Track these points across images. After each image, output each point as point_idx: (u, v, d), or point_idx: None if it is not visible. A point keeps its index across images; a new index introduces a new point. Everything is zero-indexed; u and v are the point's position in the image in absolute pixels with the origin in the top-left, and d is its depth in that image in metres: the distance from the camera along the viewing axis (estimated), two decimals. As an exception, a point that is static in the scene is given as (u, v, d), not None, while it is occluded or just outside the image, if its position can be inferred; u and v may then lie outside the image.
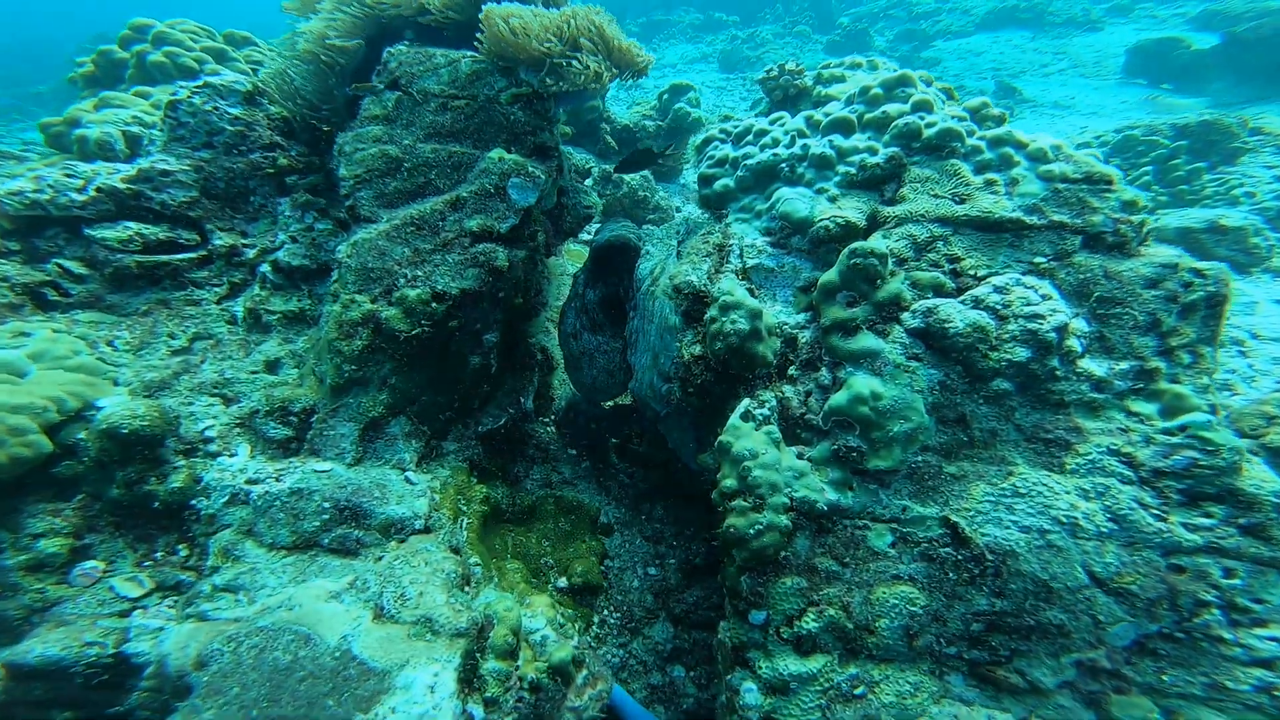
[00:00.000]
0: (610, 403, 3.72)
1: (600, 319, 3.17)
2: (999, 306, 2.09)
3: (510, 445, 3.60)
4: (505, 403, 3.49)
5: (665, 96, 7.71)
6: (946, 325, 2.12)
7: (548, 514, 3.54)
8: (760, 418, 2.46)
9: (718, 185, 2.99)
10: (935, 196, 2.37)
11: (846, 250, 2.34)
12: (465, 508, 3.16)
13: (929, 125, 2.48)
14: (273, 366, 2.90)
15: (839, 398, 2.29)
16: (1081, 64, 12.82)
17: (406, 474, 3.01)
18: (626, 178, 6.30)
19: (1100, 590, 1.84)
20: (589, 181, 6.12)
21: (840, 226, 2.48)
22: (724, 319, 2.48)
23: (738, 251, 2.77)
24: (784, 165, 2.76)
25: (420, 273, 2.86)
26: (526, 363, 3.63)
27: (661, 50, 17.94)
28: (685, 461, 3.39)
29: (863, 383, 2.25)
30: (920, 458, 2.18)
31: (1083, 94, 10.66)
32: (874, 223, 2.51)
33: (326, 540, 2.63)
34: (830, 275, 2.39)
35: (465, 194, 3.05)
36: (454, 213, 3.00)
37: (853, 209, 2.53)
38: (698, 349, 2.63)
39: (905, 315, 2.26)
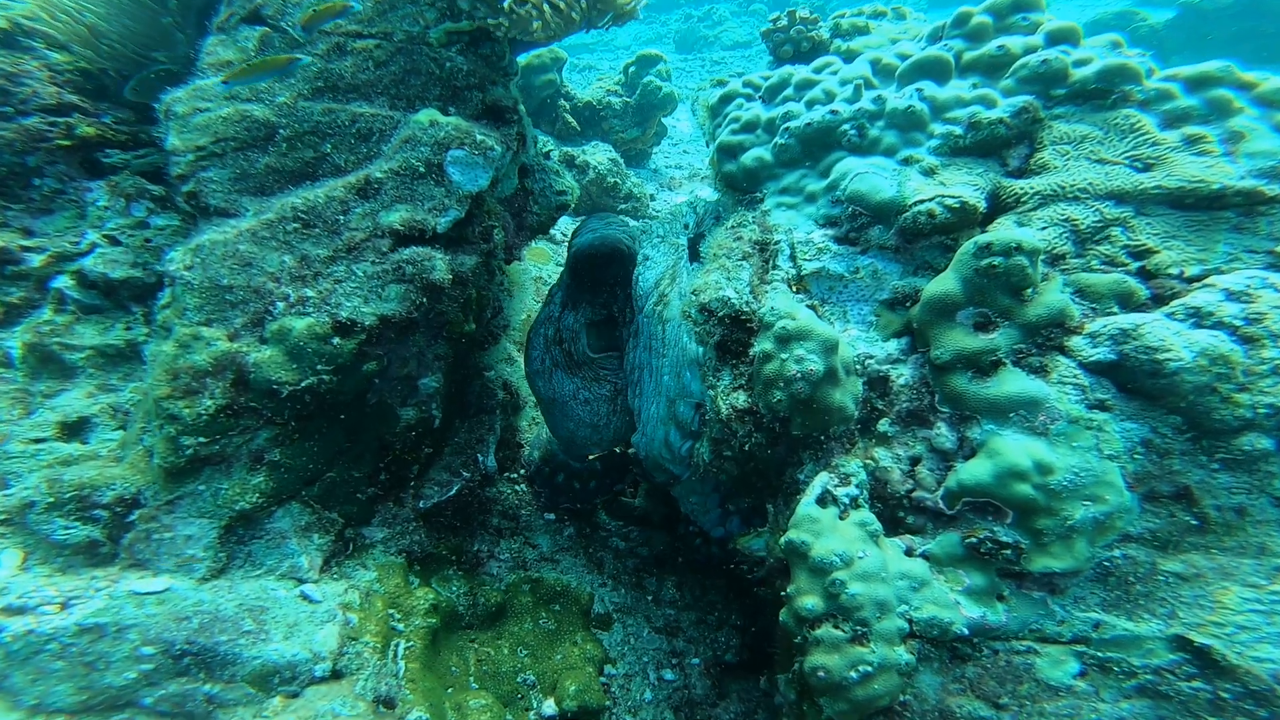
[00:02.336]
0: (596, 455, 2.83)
1: (580, 353, 2.26)
2: (1241, 322, 1.34)
3: (466, 518, 2.65)
4: (456, 464, 2.54)
5: (632, 69, 6.80)
6: (1161, 357, 1.35)
7: (523, 609, 2.61)
8: (845, 500, 1.65)
9: (747, 158, 2.12)
10: (1100, 162, 1.60)
11: (971, 245, 1.54)
12: (402, 625, 2.21)
13: (1082, 62, 1.69)
14: (75, 430, 1.86)
15: (977, 471, 1.51)
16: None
17: (304, 587, 2.04)
18: (593, 161, 5.36)
19: None
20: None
21: (951, 210, 1.67)
22: (785, 356, 1.65)
23: (787, 251, 1.92)
24: (848, 126, 1.92)
25: (312, 292, 1.87)
26: (485, 405, 2.68)
27: (612, 32, 16.94)
28: (704, 529, 2.55)
29: (1017, 448, 1.47)
30: (1117, 552, 1.43)
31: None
32: (998, 204, 1.72)
33: (149, 700, 1.69)
34: (945, 284, 1.59)
35: (381, 174, 2.06)
36: (363, 201, 2.01)
37: (965, 185, 1.73)
38: (742, 399, 1.78)
39: (1077, 341, 1.48)
